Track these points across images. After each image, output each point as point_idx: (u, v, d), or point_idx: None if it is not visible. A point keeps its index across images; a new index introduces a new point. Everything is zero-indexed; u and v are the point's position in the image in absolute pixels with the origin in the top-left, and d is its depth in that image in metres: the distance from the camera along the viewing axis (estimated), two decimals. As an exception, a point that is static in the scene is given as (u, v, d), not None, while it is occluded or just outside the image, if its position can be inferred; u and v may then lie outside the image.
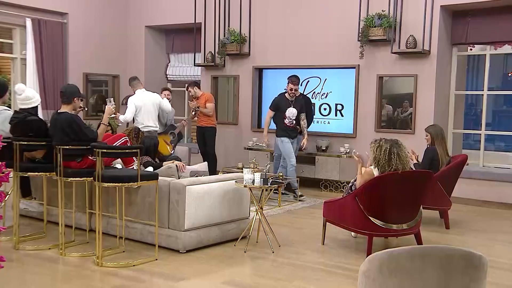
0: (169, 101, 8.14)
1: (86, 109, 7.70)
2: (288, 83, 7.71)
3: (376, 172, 4.89)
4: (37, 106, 5.34)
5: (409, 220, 4.93)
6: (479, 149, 8.17)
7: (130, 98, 7.63)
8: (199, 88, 8.86)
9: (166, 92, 8.30)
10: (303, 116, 7.85)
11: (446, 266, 2.32)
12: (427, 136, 6.39)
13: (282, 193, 7.76)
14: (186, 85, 8.66)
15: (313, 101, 8.75)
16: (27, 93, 5.28)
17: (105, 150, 4.64)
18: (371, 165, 4.98)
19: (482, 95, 8.16)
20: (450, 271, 2.32)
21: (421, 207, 5.11)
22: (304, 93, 8.61)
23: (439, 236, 5.92)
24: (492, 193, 7.55)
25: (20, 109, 5.26)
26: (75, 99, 5.02)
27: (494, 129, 9.97)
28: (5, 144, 2.38)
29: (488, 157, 8.42)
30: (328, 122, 8.82)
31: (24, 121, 5.12)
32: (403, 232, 4.95)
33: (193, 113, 8.67)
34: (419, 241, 5.08)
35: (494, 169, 8.05)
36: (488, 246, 5.54)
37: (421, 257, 2.32)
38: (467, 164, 6.70)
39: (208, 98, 8.73)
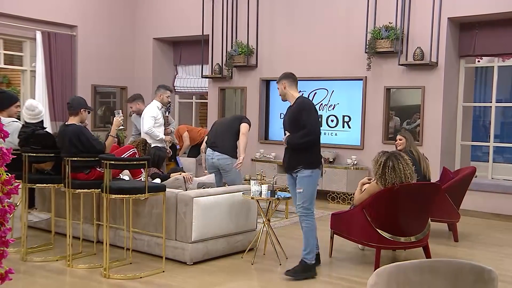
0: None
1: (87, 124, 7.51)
2: None
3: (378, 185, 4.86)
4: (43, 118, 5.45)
5: (417, 232, 4.90)
6: (488, 161, 8.12)
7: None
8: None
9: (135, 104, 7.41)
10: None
11: (456, 280, 2.30)
12: (401, 139, 6.31)
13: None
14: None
15: (320, 112, 8.61)
16: (40, 108, 5.40)
17: (113, 162, 4.66)
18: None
19: (491, 107, 8.13)
20: (459, 286, 2.30)
21: (429, 220, 5.08)
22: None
23: (448, 249, 5.87)
24: (501, 205, 7.49)
25: (27, 123, 5.31)
26: (82, 110, 5.05)
27: (502, 141, 9.88)
28: (15, 156, 2.39)
29: (497, 169, 8.36)
30: (336, 134, 8.80)
31: (32, 135, 5.16)
32: (411, 244, 4.92)
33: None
34: (427, 254, 5.04)
35: (503, 181, 7.98)
36: (497, 259, 5.49)
37: (430, 271, 2.31)
38: (476, 177, 6.66)
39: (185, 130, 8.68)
